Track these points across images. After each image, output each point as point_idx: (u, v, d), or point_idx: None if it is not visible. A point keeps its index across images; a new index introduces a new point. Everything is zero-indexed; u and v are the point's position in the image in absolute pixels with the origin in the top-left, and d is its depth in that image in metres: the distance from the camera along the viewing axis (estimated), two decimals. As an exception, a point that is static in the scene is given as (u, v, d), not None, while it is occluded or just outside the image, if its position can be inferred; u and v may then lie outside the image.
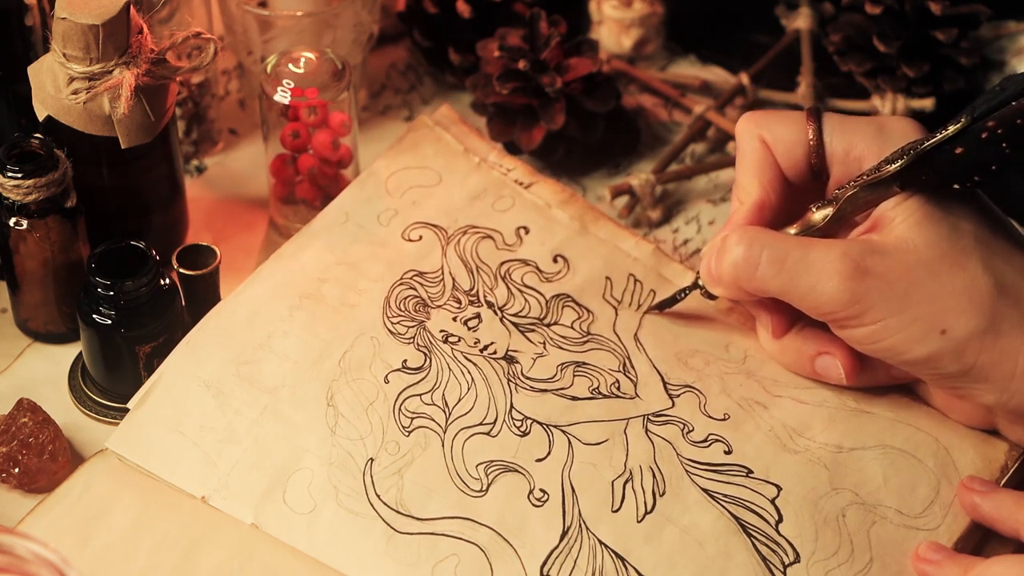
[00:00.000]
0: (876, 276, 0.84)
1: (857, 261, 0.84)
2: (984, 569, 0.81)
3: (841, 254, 0.84)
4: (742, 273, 0.87)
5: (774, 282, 0.86)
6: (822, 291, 0.84)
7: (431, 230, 0.98)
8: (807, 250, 0.85)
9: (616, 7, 1.19)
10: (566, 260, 0.97)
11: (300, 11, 1.07)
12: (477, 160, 1.02)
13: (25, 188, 0.92)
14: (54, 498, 0.87)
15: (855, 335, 0.86)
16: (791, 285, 0.86)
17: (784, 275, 0.86)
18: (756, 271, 0.86)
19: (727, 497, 0.87)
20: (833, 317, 0.86)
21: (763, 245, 0.86)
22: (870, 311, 0.84)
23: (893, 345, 0.85)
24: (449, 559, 0.84)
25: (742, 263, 0.87)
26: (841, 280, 0.84)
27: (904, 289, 0.84)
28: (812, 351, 0.90)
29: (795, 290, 0.86)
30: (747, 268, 0.86)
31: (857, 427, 0.89)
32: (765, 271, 0.86)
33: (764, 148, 0.90)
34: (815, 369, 0.90)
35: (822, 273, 0.84)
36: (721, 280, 0.89)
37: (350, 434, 0.88)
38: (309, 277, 0.95)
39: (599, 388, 0.91)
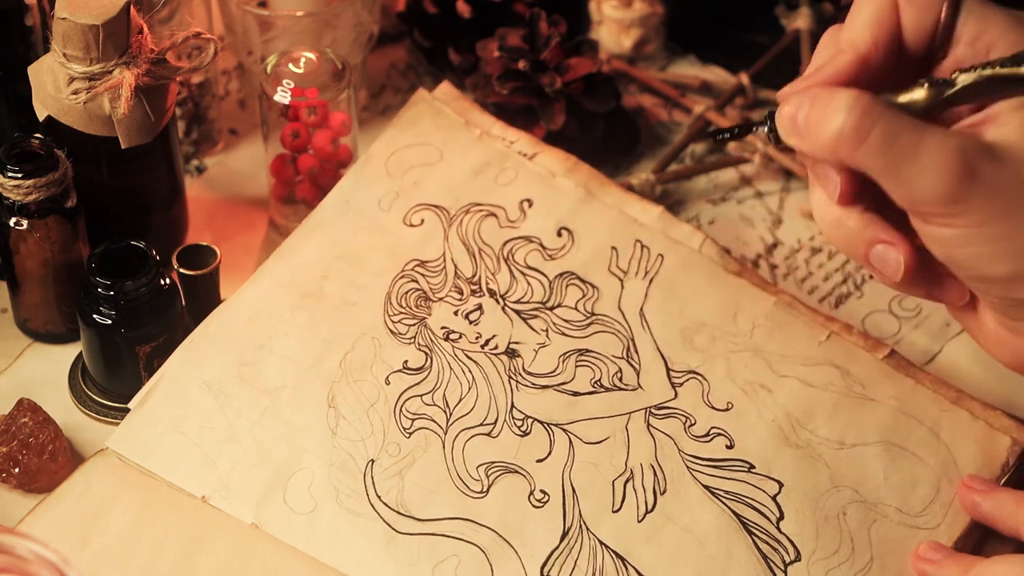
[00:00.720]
0: (985, 181, 0.77)
1: (971, 161, 0.77)
2: (984, 568, 0.81)
3: (956, 148, 0.77)
4: (845, 143, 0.78)
5: (876, 161, 0.78)
6: (925, 183, 0.77)
7: (433, 212, 0.98)
8: (920, 135, 0.77)
9: (616, 7, 1.19)
10: (571, 233, 0.97)
11: (300, 11, 1.07)
12: (479, 132, 1.02)
13: (25, 188, 0.92)
14: (54, 498, 0.87)
15: (941, 234, 0.79)
16: (894, 168, 0.77)
17: (890, 156, 0.77)
18: (861, 145, 0.78)
19: (728, 494, 0.87)
20: (925, 210, 0.78)
21: (876, 118, 0.77)
22: (967, 214, 0.77)
23: (977, 255, 0.78)
24: (449, 560, 0.84)
25: (849, 133, 0.77)
26: (949, 177, 0.76)
27: (1009, 201, 0.77)
28: (872, 236, 0.81)
29: (896, 175, 0.78)
30: (854, 140, 0.78)
31: (860, 419, 0.89)
32: (871, 147, 0.77)
33: (892, 4, 0.82)
34: (868, 257, 0.82)
35: (931, 163, 0.76)
36: (814, 140, 0.80)
37: (351, 435, 0.88)
38: (310, 274, 0.95)
39: (601, 380, 0.91)
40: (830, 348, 0.92)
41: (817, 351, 0.92)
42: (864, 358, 0.92)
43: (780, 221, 1.09)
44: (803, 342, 0.93)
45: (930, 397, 0.91)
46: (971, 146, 0.77)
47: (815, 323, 0.94)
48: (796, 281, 1.04)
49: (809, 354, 0.92)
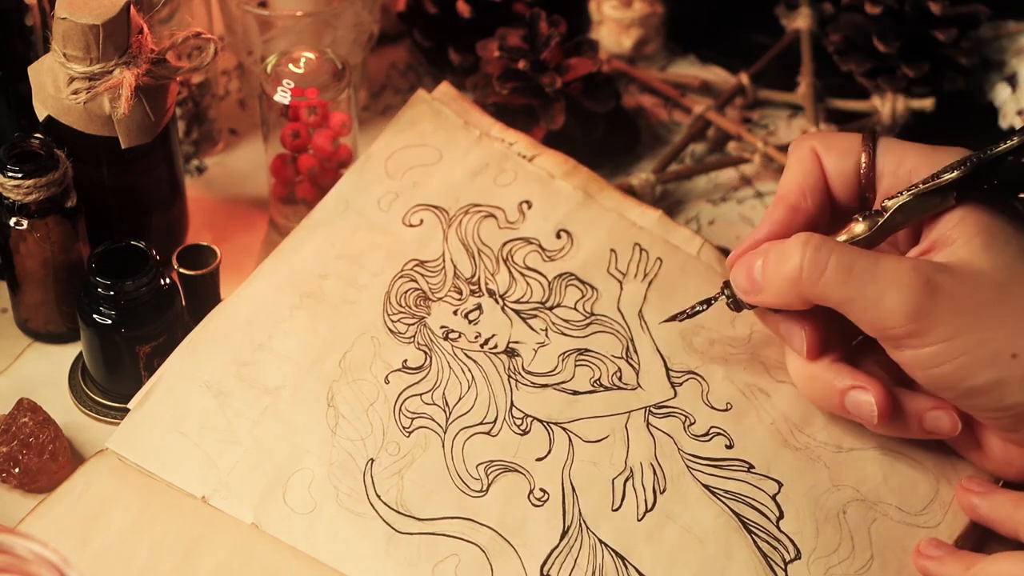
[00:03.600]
0: (945, 293, 0.80)
1: (928, 276, 0.80)
2: (986, 566, 0.81)
3: (911, 267, 0.80)
4: (807, 278, 0.82)
5: (838, 290, 0.82)
6: (888, 303, 0.80)
7: (432, 212, 0.98)
8: (875, 261, 0.81)
9: (616, 7, 1.19)
10: (570, 235, 0.97)
11: (300, 11, 1.07)
12: (478, 133, 1.02)
13: (25, 188, 0.92)
14: (54, 498, 0.87)
15: (916, 356, 0.81)
16: (856, 294, 0.81)
17: (851, 283, 0.81)
18: (822, 277, 0.82)
19: (728, 493, 0.87)
20: (895, 333, 0.81)
21: (830, 250, 0.82)
22: (936, 329, 0.80)
23: (957, 369, 0.80)
24: (449, 559, 0.84)
25: (808, 267, 0.82)
26: (910, 293, 0.80)
27: (974, 309, 0.80)
28: (844, 384, 0.85)
29: (859, 300, 0.81)
30: (813, 272, 0.82)
31: (857, 426, 0.89)
32: (831, 277, 0.81)
33: (813, 156, 0.87)
34: (844, 405, 0.85)
35: (891, 284, 0.80)
36: (774, 285, 0.84)
37: (350, 435, 0.88)
38: (310, 274, 0.95)
39: (600, 379, 0.91)
40: None
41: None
42: None
43: (780, 221, 1.08)
44: None
45: None
46: (925, 264, 0.81)
47: None
48: (796, 281, 1.04)
49: None
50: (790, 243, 0.83)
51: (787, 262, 0.83)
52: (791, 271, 0.83)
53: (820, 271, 0.82)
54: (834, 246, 0.82)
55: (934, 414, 0.85)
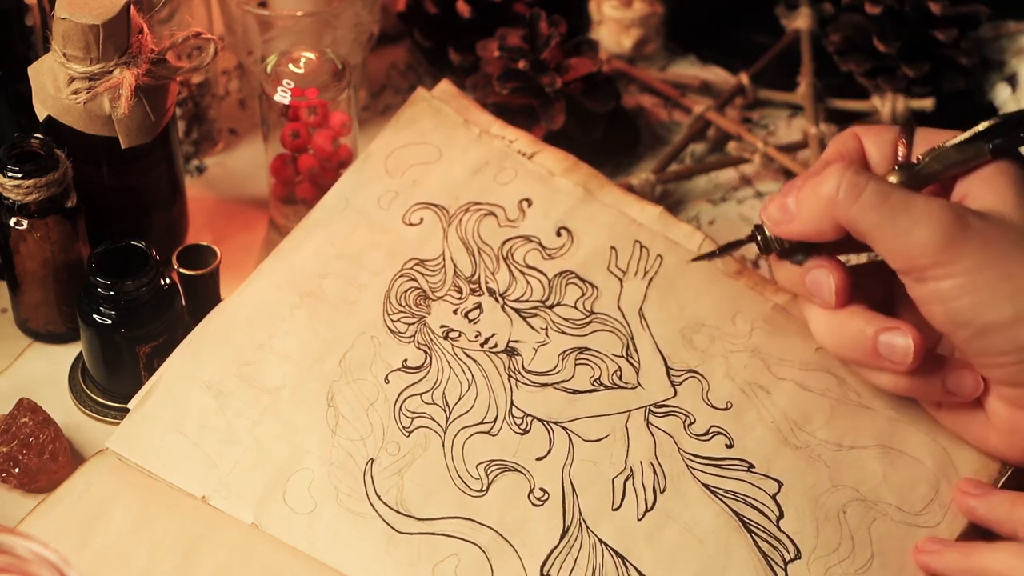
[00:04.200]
0: (975, 230, 0.82)
1: (960, 213, 0.82)
2: (986, 556, 0.81)
3: (944, 205, 0.82)
4: (843, 199, 0.83)
5: (871, 215, 0.83)
6: (919, 234, 0.82)
7: (432, 211, 0.98)
8: (910, 195, 0.83)
9: (616, 7, 1.19)
10: (570, 232, 0.97)
11: (300, 11, 1.07)
12: (478, 131, 1.02)
13: (25, 188, 0.92)
14: (54, 498, 0.87)
15: (938, 288, 0.82)
16: (889, 221, 0.82)
17: (884, 210, 0.82)
18: (858, 199, 0.83)
19: (728, 493, 0.87)
20: (921, 264, 0.82)
21: (869, 177, 0.84)
22: (963, 260, 0.81)
23: (978, 302, 0.82)
24: (449, 559, 0.84)
25: (846, 188, 0.83)
26: (942, 225, 0.81)
27: (1001, 248, 0.81)
28: (877, 326, 0.85)
29: (890, 228, 0.82)
30: (850, 194, 0.83)
31: (857, 424, 0.89)
32: (867, 201, 0.83)
33: (855, 138, 0.89)
34: (876, 348, 0.85)
35: (923, 216, 0.82)
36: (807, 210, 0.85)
37: (350, 434, 0.88)
38: (310, 273, 0.95)
39: (600, 378, 0.91)
40: (827, 354, 0.92)
41: (814, 356, 0.92)
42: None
43: (780, 221, 1.08)
44: (801, 346, 0.93)
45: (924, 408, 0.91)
46: (957, 204, 0.83)
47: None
48: (796, 281, 1.04)
49: (806, 359, 0.92)
50: (829, 169, 0.85)
51: (824, 184, 0.84)
52: (828, 191, 0.84)
53: (857, 193, 0.83)
54: (872, 175, 0.84)
55: (958, 373, 0.86)
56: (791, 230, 0.87)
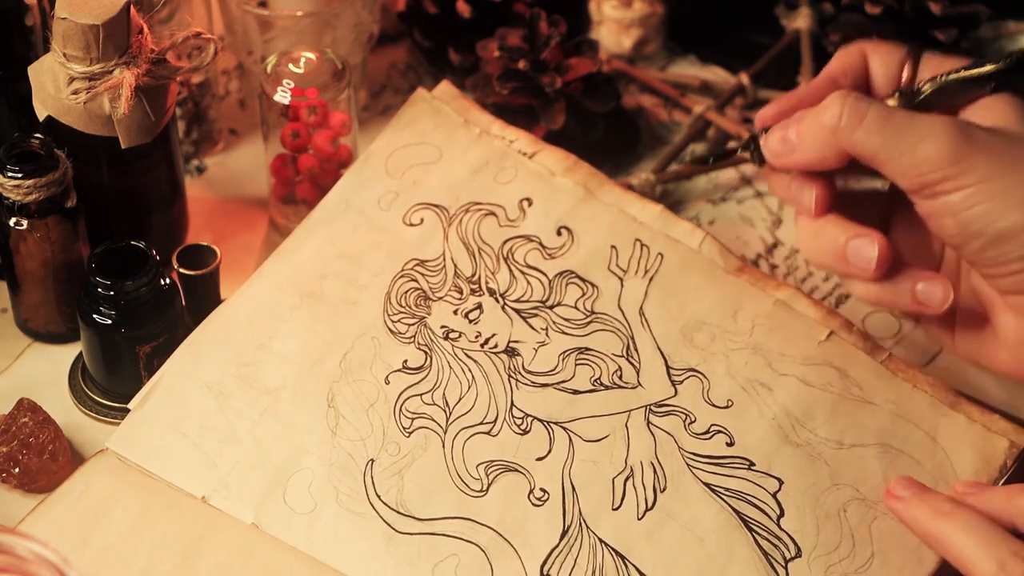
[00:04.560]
0: (982, 141, 0.82)
1: (965, 128, 0.82)
2: (950, 533, 0.81)
3: (948, 120, 0.82)
4: (845, 125, 0.83)
5: (876, 137, 0.83)
6: (925, 149, 0.82)
7: (432, 211, 0.98)
8: (912, 114, 0.83)
9: (616, 7, 1.19)
10: (570, 232, 0.97)
11: (300, 11, 1.07)
12: (478, 131, 1.01)
13: (25, 188, 0.92)
14: (54, 498, 0.87)
15: (948, 201, 0.82)
16: (893, 141, 0.82)
17: (888, 131, 0.83)
18: (860, 124, 0.83)
19: (728, 491, 0.87)
20: (930, 179, 0.82)
21: (870, 102, 0.84)
22: (973, 171, 0.81)
23: (989, 211, 0.81)
24: (449, 559, 0.84)
25: (848, 114, 0.83)
26: (948, 139, 0.81)
27: (1009, 158, 0.81)
28: (847, 234, 0.86)
29: (896, 147, 0.82)
30: (852, 119, 0.83)
31: (858, 421, 0.89)
32: (870, 124, 0.83)
33: (860, 53, 0.89)
34: (847, 255, 0.86)
35: (928, 132, 0.82)
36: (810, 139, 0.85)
37: (351, 435, 0.88)
38: (310, 274, 0.95)
39: (600, 378, 0.91)
40: (829, 348, 0.92)
41: (816, 351, 0.92)
42: (862, 360, 0.92)
43: (780, 221, 1.09)
44: (803, 341, 0.93)
45: (927, 402, 0.91)
46: (961, 120, 0.83)
47: (815, 323, 0.94)
48: (796, 281, 1.04)
49: (808, 354, 0.92)
50: (829, 97, 0.85)
51: (826, 112, 0.84)
52: (830, 119, 0.84)
53: (859, 118, 0.83)
54: (872, 100, 0.84)
55: (927, 283, 0.85)
56: (793, 160, 0.87)
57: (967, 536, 0.81)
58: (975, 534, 0.81)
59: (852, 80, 0.89)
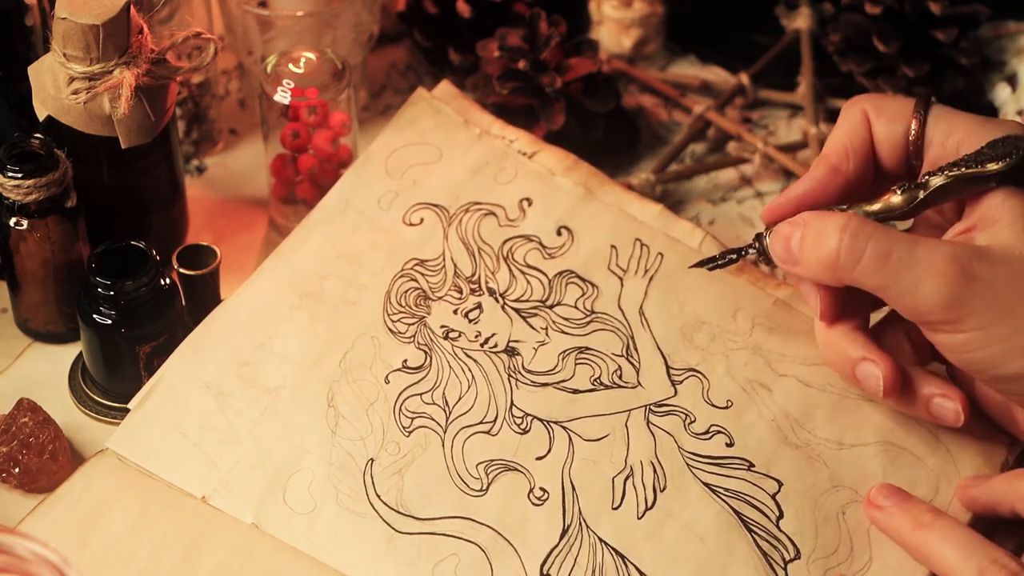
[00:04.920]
0: (982, 282, 0.80)
1: (964, 265, 0.80)
2: (932, 543, 0.82)
3: (949, 255, 0.80)
4: (843, 264, 0.82)
5: (874, 278, 0.82)
6: (924, 292, 0.80)
7: (432, 211, 0.98)
8: (913, 247, 0.81)
9: (616, 7, 1.19)
10: (570, 232, 0.97)
11: (300, 11, 1.07)
12: (478, 132, 1.01)
13: (25, 188, 0.92)
14: (54, 498, 0.87)
15: (950, 341, 0.82)
16: (891, 282, 0.81)
17: (886, 271, 0.81)
18: (858, 264, 0.82)
19: (728, 491, 0.87)
20: (930, 319, 0.82)
21: (868, 237, 0.82)
22: (971, 317, 0.80)
23: (989, 356, 0.81)
24: (449, 559, 0.84)
25: (845, 254, 0.82)
26: (946, 282, 0.80)
27: (1010, 298, 0.80)
28: (856, 355, 0.86)
29: (894, 287, 0.81)
30: (849, 260, 0.82)
31: (859, 420, 0.89)
32: (867, 265, 0.82)
33: (863, 118, 0.87)
34: (855, 374, 0.86)
35: (927, 273, 0.80)
36: (810, 264, 0.84)
37: (350, 434, 0.88)
38: (310, 274, 0.95)
39: (600, 378, 0.91)
40: None
41: (816, 351, 0.92)
42: None
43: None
44: (802, 341, 0.93)
45: None
46: (963, 250, 0.81)
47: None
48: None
49: (808, 354, 0.92)
50: (828, 226, 0.83)
51: (824, 246, 0.83)
52: (827, 256, 0.83)
53: (856, 258, 0.82)
54: (872, 232, 0.82)
55: (940, 401, 0.86)
56: (796, 272, 0.86)
57: (947, 545, 0.82)
58: (954, 543, 0.82)
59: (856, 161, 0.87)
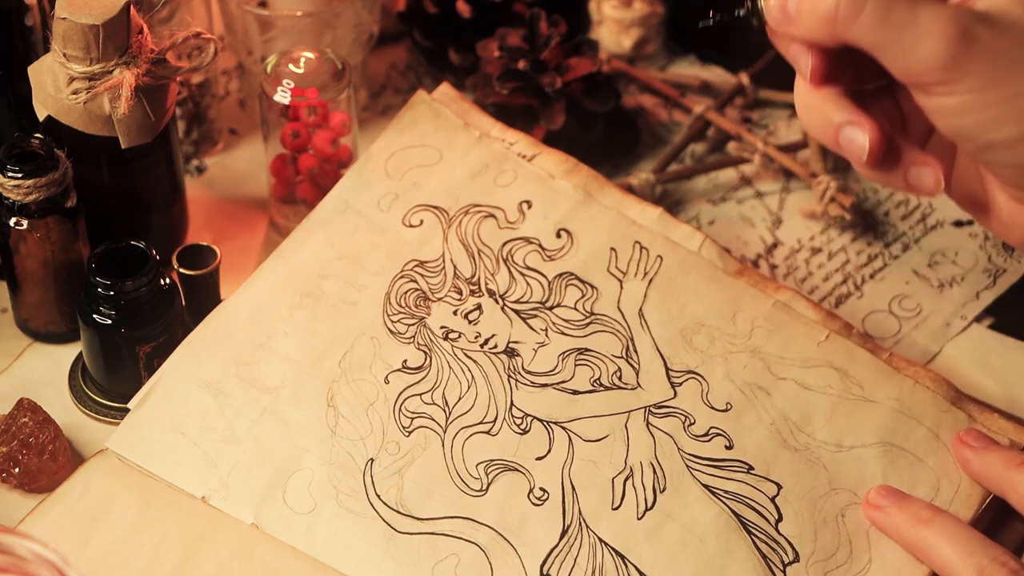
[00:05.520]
0: (981, 45, 0.78)
1: (965, 26, 0.78)
2: (934, 539, 0.82)
3: (950, 16, 0.78)
4: (843, 18, 0.80)
5: (872, 33, 0.79)
6: (923, 50, 0.78)
7: (432, 213, 0.98)
8: (914, 5, 0.79)
9: (616, 7, 1.19)
10: (570, 234, 0.97)
11: (300, 11, 1.07)
12: (478, 134, 1.02)
13: (25, 188, 0.92)
14: (54, 498, 0.87)
15: (945, 104, 0.80)
16: (890, 39, 0.79)
17: (886, 27, 0.79)
18: (858, 18, 0.79)
19: (728, 493, 0.87)
20: (925, 80, 0.79)
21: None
22: (967, 79, 0.78)
23: (980, 121, 0.79)
24: (449, 559, 0.84)
25: (845, 7, 0.79)
26: (946, 41, 0.78)
27: (1008, 63, 0.78)
28: (841, 118, 0.82)
29: (893, 45, 0.79)
30: (849, 13, 0.79)
31: (858, 421, 0.89)
32: (867, 19, 0.79)
33: None
34: (839, 140, 0.83)
35: (927, 30, 0.78)
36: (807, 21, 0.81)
37: (350, 434, 0.88)
38: (310, 274, 0.95)
39: (600, 379, 0.91)
40: (829, 348, 0.92)
41: (816, 352, 0.92)
42: (863, 358, 0.92)
43: (780, 221, 1.09)
44: (802, 343, 0.93)
45: (929, 397, 0.91)
46: (965, 13, 0.79)
47: (814, 324, 0.94)
48: (796, 281, 1.04)
49: (808, 356, 0.92)
50: None
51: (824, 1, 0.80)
52: (827, 10, 0.80)
53: (857, 12, 0.79)
54: None
55: (919, 168, 0.83)
56: (790, 32, 0.83)
57: (946, 542, 0.82)
58: (954, 540, 0.82)
59: None
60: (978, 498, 0.87)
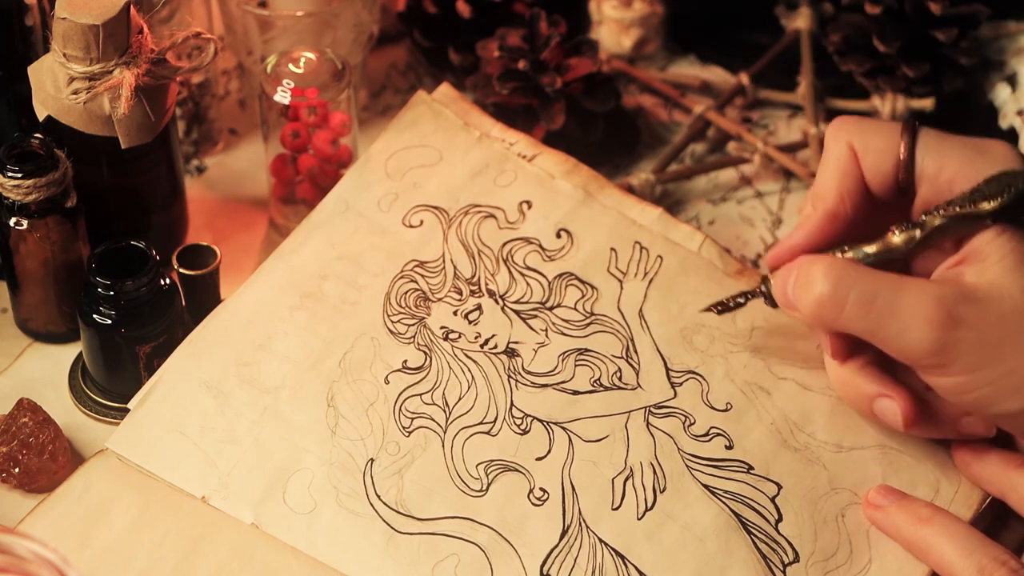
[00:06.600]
0: (968, 326, 0.80)
1: (950, 309, 0.80)
2: (933, 539, 0.82)
3: (934, 299, 0.80)
4: (827, 312, 0.82)
5: (859, 324, 0.82)
6: (910, 338, 0.80)
7: (432, 213, 0.98)
8: (897, 292, 0.81)
9: (616, 7, 1.19)
10: (570, 234, 0.97)
11: (300, 11, 1.07)
12: (478, 134, 1.02)
13: (25, 188, 0.92)
14: (54, 498, 0.87)
15: (942, 383, 0.82)
16: (878, 328, 0.81)
17: (871, 318, 0.81)
18: (842, 311, 0.82)
19: (728, 493, 0.87)
20: (919, 364, 0.82)
21: (851, 284, 0.82)
22: (959, 361, 0.80)
23: (981, 397, 0.81)
24: (449, 559, 0.84)
25: (828, 302, 0.82)
26: (931, 328, 0.80)
27: (997, 340, 0.80)
28: (872, 391, 0.85)
29: (881, 333, 0.81)
30: (832, 308, 0.82)
31: (858, 423, 0.89)
32: (851, 312, 0.82)
33: (851, 155, 0.87)
34: (873, 410, 0.86)
35: (912, 319, 0.80)
36: (799, 310, 0.85)
37: (350, 435, 0.88)
38: (310, 274, 0.95)
39: (600, 379, 0.91)
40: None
41: (816, 353, 0.92)
42: None
43: (780, 221, 1.09)
44: (802, 344, 0.93)
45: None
46: (949, 293, 0.80)
47: None
48: (796, 281, 1.04)
49: (808, 356, 0.92)
50: (813, 271, 0.83)
51: (809, 292, 0.83)
52: (813, 301, 0.83)
53: (841, 306, 0.82)
54: (856, 278, 0.82)
55: (969, 419, 0.85)
56: (795, 316, 0.86)
57: (946, 541, 0.82)
58: (954, 540, 0.82)
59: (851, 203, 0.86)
60: (978, 499, 0.87)
